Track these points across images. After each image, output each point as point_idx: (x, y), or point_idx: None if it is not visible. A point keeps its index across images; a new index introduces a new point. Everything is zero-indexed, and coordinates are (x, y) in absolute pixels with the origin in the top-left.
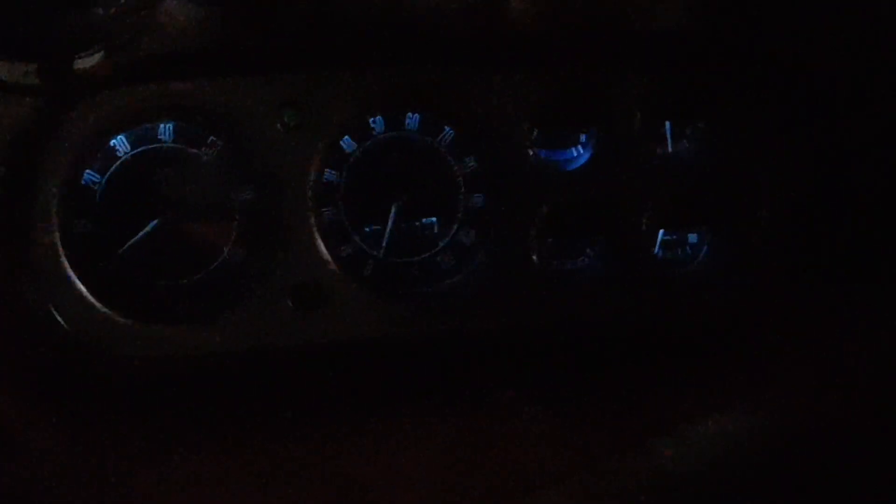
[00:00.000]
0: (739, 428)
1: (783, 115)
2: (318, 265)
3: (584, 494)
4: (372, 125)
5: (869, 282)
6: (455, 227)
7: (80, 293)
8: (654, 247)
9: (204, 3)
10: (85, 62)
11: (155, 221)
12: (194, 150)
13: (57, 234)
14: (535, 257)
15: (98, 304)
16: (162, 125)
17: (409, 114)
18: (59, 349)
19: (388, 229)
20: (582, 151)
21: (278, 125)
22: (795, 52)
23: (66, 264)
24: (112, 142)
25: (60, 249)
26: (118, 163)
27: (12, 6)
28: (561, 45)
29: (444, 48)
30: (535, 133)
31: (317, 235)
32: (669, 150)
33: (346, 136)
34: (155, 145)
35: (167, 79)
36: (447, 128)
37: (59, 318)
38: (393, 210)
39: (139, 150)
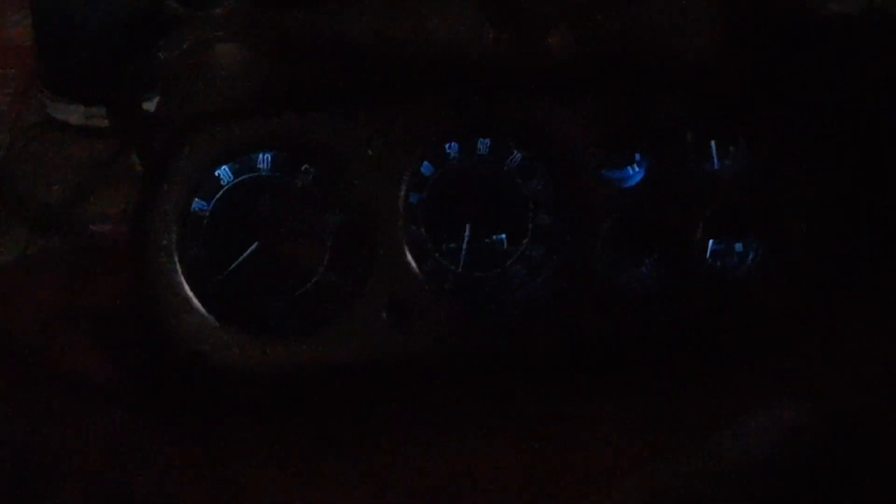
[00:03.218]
0: (793, 422)
1: (820, 131)
2: (407, 281)
3: (652, 487)
4: (448, 151)
5: None
6: (524, 243)
7: (198, 311)
8: (706, 256)
9: (254, 48)
10: (150, 105)
11: (255, 244)
12: (290, 178)
13: (175, 258)
14: (598, 269)
15: (213, 320)
16: (261, 155)
17: (481, 140)
18: (180, 365)
19: (463, 246)
20: (637, 170)
21: (369, 151)
22: (824, 73)
23: (185, 285)
24: (217, 172)
25: (179, 272)
26: (222, 191)
27: (83, 53)
28: (604, 73)
29: (501, 81)
30: (595, 154)
31: (407, 253)
32: (716, 167)
33: (426, 162)
34: (254, 174)
35: (260, 115)
36: (515, 152)
37: (180, 336)
38: (467, 228)
39: (240, 178)
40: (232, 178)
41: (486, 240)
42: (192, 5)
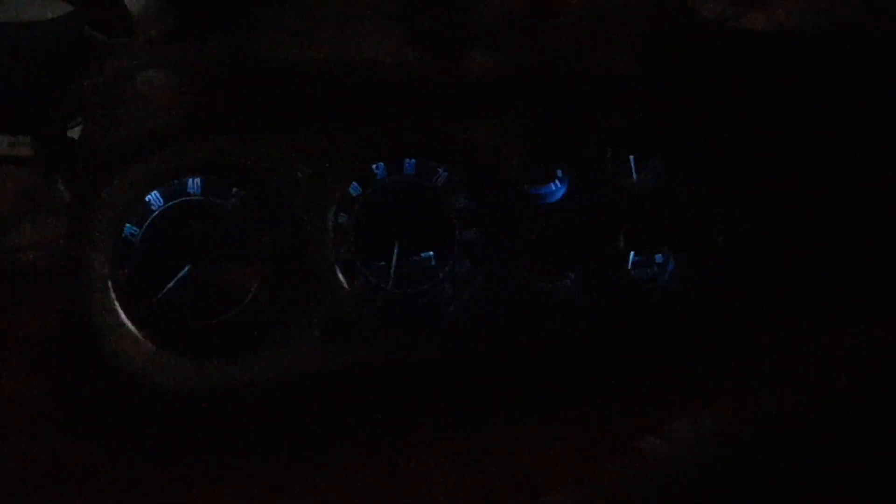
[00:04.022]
0: (715, 428)
1: (734, 144)
2: (339, 300)
3: (583, 493)
4: (375, 171)
5: (818, 292)
6: (451, 259)
7: (133, 335)
8: (628, 267)
9: (178, 74)
10: (74, 132)
11: (188, 267)
12: (220, 201)
13: (108, 283)
14: (524, 283)
15: (148, 344)
16: (190, 180)
17: (407, 159)
18: (115, 387)
19: (392, 264)
20: (560, 185)
21: (298, 174)
22: (738, 89)
23: (119, 310)
24: (147, 197)
25: (112, 296)
26: (153, 216)
27: (5, 83)
28: (524, 91)
29: (425, 101)
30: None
31: (337, 272)
32: (635, 181)
33: (354, 182)
34: (185, 198)
35: (189, 140)
36: (440, 170)
37: (116, 361)
38: (396, 247)
39: (171, 203)
40: (162, 202)
41: (415, 257)
42: (113, 34)
